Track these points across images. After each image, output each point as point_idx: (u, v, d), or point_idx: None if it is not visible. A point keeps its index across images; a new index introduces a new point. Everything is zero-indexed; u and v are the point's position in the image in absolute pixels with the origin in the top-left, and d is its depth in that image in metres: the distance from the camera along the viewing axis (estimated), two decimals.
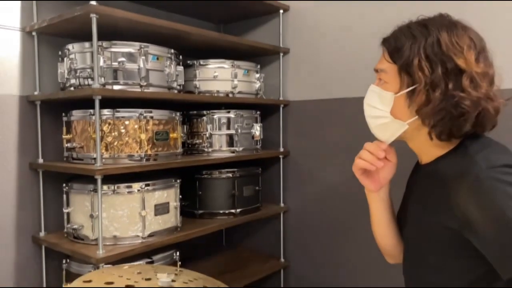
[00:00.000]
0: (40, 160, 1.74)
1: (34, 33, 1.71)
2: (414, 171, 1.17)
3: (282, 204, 2.28)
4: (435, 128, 0.93)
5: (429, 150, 1.01)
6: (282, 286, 2.29)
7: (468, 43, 0.93)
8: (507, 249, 0.82)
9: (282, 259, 2.28)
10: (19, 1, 1.70)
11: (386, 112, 1.01)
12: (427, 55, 0.93)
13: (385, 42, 1.03)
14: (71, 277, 1.62)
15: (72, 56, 1.63)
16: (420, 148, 1.05)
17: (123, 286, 1.27)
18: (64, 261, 1.67)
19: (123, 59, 1.59)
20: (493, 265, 0.86)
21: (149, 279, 1.35)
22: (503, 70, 0.98)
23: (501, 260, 0.84)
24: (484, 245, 0.86)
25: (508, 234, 0.81)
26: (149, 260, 1.68)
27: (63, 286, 1.69)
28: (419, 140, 1.02)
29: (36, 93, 1.73)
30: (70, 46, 1.64)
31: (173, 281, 1.32)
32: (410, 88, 0.96)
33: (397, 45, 0.98)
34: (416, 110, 0.96)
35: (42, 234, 1.74)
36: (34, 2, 1.72)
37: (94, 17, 1.44)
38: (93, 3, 1.43)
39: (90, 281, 1.30)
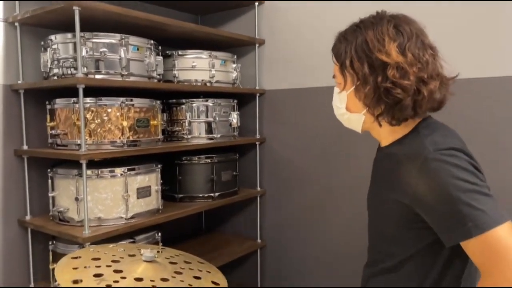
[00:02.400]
0: (25, 147, 1.80)
1: (16, 24, 1.76)
2: (376, 155, 1.29)
3: (258, 188, 2.40)
4: (381, 116, 1.05)
5: (387, 135, 1.12)
6: (259, 265, 2.42)
7: (391, 35, 1.01)
8: (448, 220, 0.93)
9: (259, 240, 2.41)
10: None
11: (343, 109, 1.14)
12: (357, 55, 1.04)
13: (332, 48, 1.14)
14: (58, 257, 1.70)
15: (55, 46, 1.69)
16: (379, 135, 1.16)
17: (109, 262, 1.37)
18: (50, 243, 1.75)
19: (104, 49, 1.67)
20: (438, 234, 0.97)
21: (133, 255, 1.45)
22: (457, 61, 1.08)
23: (443, 230, 0.95)
24: (430, 217, 0.97)
25: (449, 207, 0.92)
26: (132, 240, 1.78)
27: (50, 266, 1.78)
28: (377, 128, 1.13)
29: (19, 82, 1.79)
30: (52, 37, 1.70)
31: (155, 256, 1.43)
32: (354, 87, 1.07)
33: (336, 49, 1.10)
34: (363, 104, 1.08)
35: (28, 217, 1.82)
36: None
37: (76, 10, 1.51)
38: None
39: (78, 257, 1.40)
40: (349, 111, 1.13)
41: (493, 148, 1.68)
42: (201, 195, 2.14)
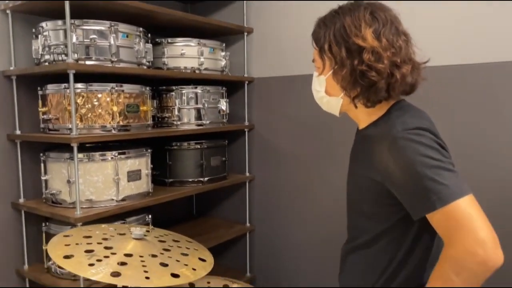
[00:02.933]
0: (18, 132, 1.85)
1: (8, 11, 1.80)
2: (355, 137, 1.35)
3: (247, 174, 2.46)
4: (357, 98, 1.11)
5: (364, 118, 1.18)
6: (248, 248, 2.50)
7: (367, 21, 1.07)
8: (415, 195, 0.99)
9: (248, 224, 2.48)
10: None
11: (322, 92, 1.19)
12: (335, 40, 1.09)
13: (312, 33, 1.19)
14: (51, 238, 1.75)
15: (46, 33, 1.73)
16: (356, 116, 1.22)
17: (100, 239, 1.43)
18: (43, 224, 1.81)
19: (94, 36, 1.71)
20: (406, 208, 1.03)
21: (123, 234, 1.51)
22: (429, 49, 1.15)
23: (411, 204, 1.02)
24: (399, 193, 1.04)
25: (416, 182, 0.98)
26: (123, 222, 1.84)
27: (43, 247, 1.84)
28: (354, 110, 1.18)
29: (11, 68, 1.83)
30: (43, 24, 1.74)
31: (145, 235, 1.49)
32: (331, 71, 1.12)
33: (316, 34, 1.16)
34: (340, 87, 1.14)
35: (21, 200, 1.87)
36: None
37: None
38: None
39: (70, 235, 1.46)
40: (328, 94, 1.18)
41: (462, 132, 1.75)
42: (190, 180, 2.20)
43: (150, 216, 1.94)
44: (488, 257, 0.89)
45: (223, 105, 2.27)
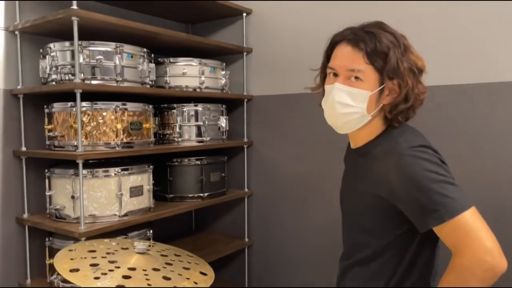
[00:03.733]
0: (23, 148, 1.90)
1: (17, 32, 1.87)
2: (348, 155, 1.38)
3: (246, 189, 2.51)
4: (398, 117, 1.15)
5: (365, 136, 1.21)
6: (246, 262, 2.53)
7: (411, 46, 1.16)
8: (422, 208, 1.03)
9: (247, 239, 2.52)
10: (2, 2, 1.85)
11: (360, 108, 1.13)
12: (407, 60, 1.12)
13: (361, 44, 1.12)
14: (54, 253, 1.79)
15: (53, 53, 1.80)
16: (359, 134, 1.22)
17: (104, 253, 1.47)
18: (47, 239, 1.85)
19: (100, 57, 1.78)
20: (412, 222, 1.07)
21: (126, 248, 1.55)
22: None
23: (419, 217, 1.05)
24: (406, 207, 1.08)
25: (423, 196, 1.02)
26: (125, 236, 1.88)
27: (46, 262, 1.87)
28: (364, 129, 1.19)
29: (19, 87, 1.89)
30: (51, 45, 1.80)
31: (147, 249, 1.53)
32: (381, 87, 1.12)
33: (379, 50, 1.10)
34: (384, 106, 1.14)
35: (25, 215, 1.91)
36: (17, 3, 1.87)
37: (75, 20, 1.62)
38: (74, 7, 1.61)
39: (74, 250, 1.50)
40: (367, 111, 1.15)
41: (455, 146, 1.82)
42: (190, 195, 2.25)
43: (151, 231, 1.98)
44: (495, 264, 0.94)
45: (223, 122, 2.33)
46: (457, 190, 1.03)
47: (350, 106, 1.14)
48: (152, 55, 2.03)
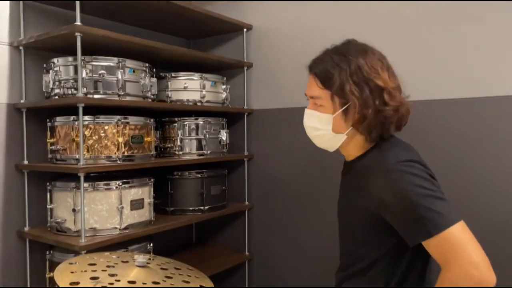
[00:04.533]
0: (25, 162, 1.92)
1: (21, 48, 1.90)
2: (344, 168, 1.41)
3: (246, 202, 2.52)
4: (370, 134, 1.18)
5: (355, 151, 1.26)
6: (246, 276, 2.52)
7: (380, 64, 1.18)
8: (410, 223, 1.05)
9: (247, 252, 2.52)
10: (7, 18, 1.89)
11: (327, 130, 1.24)
12: (354, 81, 1.15)
13: (314, 72, 1.23)
14: (54, 266, 1.79)
15: (56, 68, 1.82)
16: (348, 150, 1.29)
17: (104, 267, 1.47)
18: (47, 252, 1.85)
19: (103, 71, 1.81)
20: (402, 236, 1.09)
21: (126, 261, 1.56)
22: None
23: (407, 232, 1.08)
24: (395, 221, 1.10)
25: (411, 211, 1.04)
26: (125, 250, 1.88)
27: (46, 275, 1.87)
28: (349, 145, 1.26)
29: (22, 101, 1.91)
30: (55, 60, 1.83)
31: (148, 263, 1.54)
32: (344, 108, 1.18)
33: (327, 74, 1.19)
34: (353, 124, 1.19)
35: (26, 228, 1.91)
36: (22, 18, 1.90)
37: (78, 36, 1.65)
38: (78, 23, 1.65)
39: (75, 263, 1.50)
40: (334, 132, 1.23)
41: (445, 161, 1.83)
42: (191, 208, 2.25)
43: (151, 245, 1.98)
44: (482, 278, 0.95)
45: (224, 135, 2.35)
46: (444, 204, 1.04)
47: (319, 129, 1.26)
48: (154, 69, 2.06)
